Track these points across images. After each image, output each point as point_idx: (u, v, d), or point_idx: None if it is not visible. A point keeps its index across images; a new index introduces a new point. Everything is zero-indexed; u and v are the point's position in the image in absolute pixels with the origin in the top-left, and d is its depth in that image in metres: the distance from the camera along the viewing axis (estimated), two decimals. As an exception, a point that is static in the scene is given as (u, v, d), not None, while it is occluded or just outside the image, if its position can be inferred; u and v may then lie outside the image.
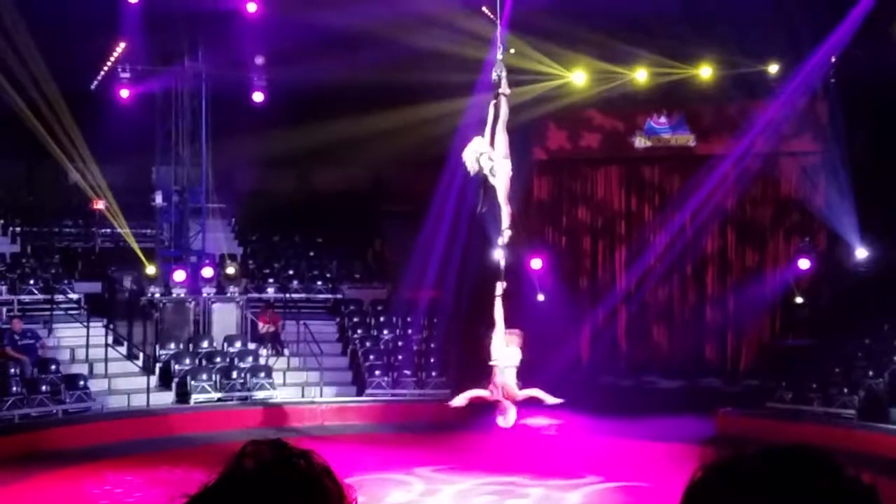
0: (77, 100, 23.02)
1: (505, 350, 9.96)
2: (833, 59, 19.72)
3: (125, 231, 21.23)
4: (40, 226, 22.81)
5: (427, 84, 19.55)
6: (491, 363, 10.00)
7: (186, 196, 21.33)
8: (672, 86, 21.11)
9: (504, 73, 10.35)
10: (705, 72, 20.75)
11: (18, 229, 22.49)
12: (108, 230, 22.64)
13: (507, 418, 9.81)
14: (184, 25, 21.01)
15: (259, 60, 21.22)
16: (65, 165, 23.65)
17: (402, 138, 20.06)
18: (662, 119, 21.82)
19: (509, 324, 11.01)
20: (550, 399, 10.05)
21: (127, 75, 20.75)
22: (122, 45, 20.44)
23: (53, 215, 23.23)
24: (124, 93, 20.84)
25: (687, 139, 21.91)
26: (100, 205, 22.41)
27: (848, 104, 19.55)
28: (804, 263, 20.39)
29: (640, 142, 22.01)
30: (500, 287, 9.99)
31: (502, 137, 10.16)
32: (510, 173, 10.30)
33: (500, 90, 10.28)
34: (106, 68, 20.54)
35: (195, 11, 20.86)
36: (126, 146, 22.64)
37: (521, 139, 20.85)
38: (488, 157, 10.05)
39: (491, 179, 10.11)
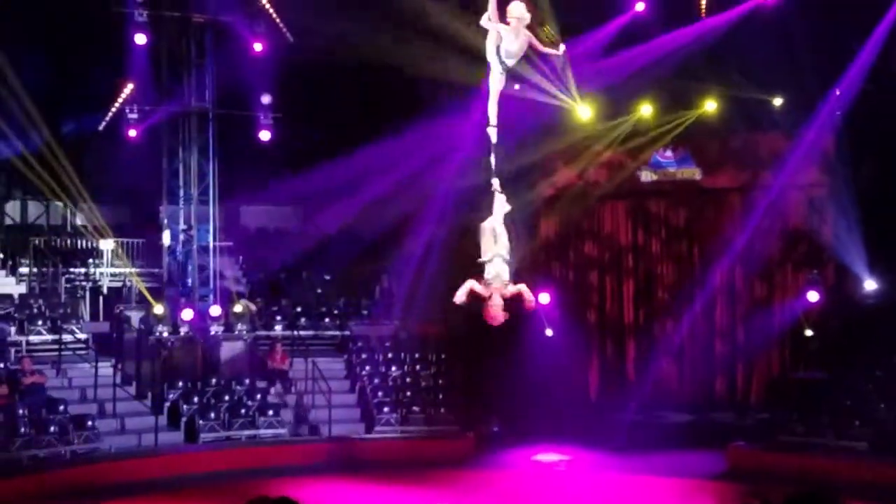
0: (84, 140, 23.25)
1: (494, 243, 9.73)
2: (838, 93, 19.78)
3: (130, 272, 21.27)
4: (48, 266, 22.84)
5: (433, 114, 19.63)
6: (480, 259, 9.73)
7: (194, 235, 21.38)
8: (678, 119, 21.19)
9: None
10: (710, 105, 20.82)
11: (26, 270, 22.53)
12: (116, 270, 22.68)
13: (497, 314, 9.58)
14: (191, 65, 21.20)
15: (266, 99, 21.35)
16: (71, 206, 23.84)
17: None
18: (668, 153, 21.87)
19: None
20: (531, 297, 9.74)
21: (135, 116, 20.91)
22: (130, 85, 20.58)
23: (61, 255, 23.28)
24: (132, 133, 20.96)
25: (693, 173, 21.93)
26: (107, 245, 22.51)
27: (855, 136, 19.59)
28: (813, 296, 20.31)
29: (647, 176, 22.05)
30: (496, 183, 9.74)
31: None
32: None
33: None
34: (114, 109, 20.65)
35: (203, 51, 21.08)
36: (134, 186, 22.81)
37: (528, 175, 21.01)
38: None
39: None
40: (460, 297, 9.48)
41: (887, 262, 19.70)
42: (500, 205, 9.69)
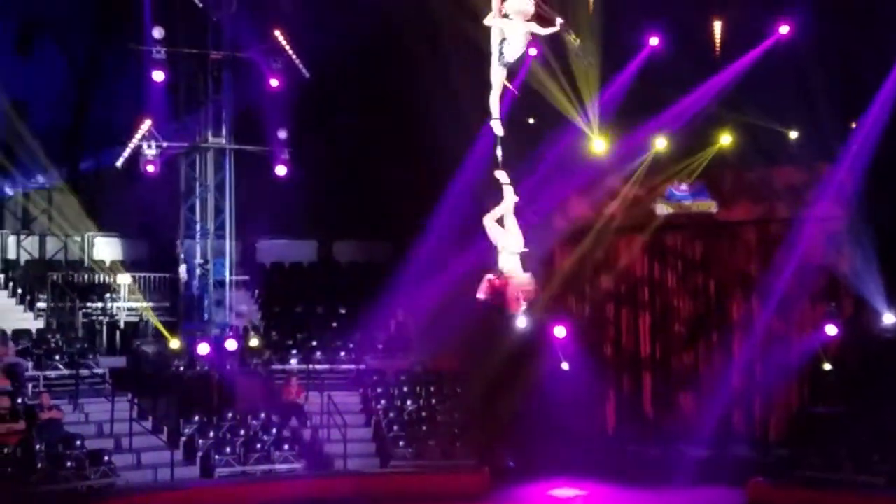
0: (102, 176, 23.45)
1: (507, 235, 9.65)
2: (854, 125, 19.81)
3: (144, 307, 21.35)
4: (65, 301, 22.93)
5: (449, 149, 19.72)
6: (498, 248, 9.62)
7: (210, 269, 21.47)
8: (693, 153, 21.24)
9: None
10: (726, 139, 20.87)
11: (44, 305, 22.63)
12: (133, 304, 22.77)
13: (512, 308, 9.50)
14: (208, 101, 21.39)
15: (282, 134, 21.49)
16: (89, 241, 24.01)
17: (423, 207, 20.22)
18: (683, 186, 21.86)
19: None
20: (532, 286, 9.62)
21: (152, 151, 21.02)
22: (148, 121, 20.75)
23: (78, 291, 23.38)
24: (149, 168, 21.10)
25: (709, 206, 21.90)
26: (125, 279, 22.64)
27: (872, 169, 19.57)
28: (831, 329, 20.21)
29: (662, 209, 22.02)
30: (503, 176, 9.68)
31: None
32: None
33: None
34: (131, 145, 20.82)
35: (220, 87, 21.28)
36: (151, 220, 22.97)
37: (544, 208, 21.02)
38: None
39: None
40: (481, 293, 9.45)
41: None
42: (508, 196, 9.68)
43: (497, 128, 9.30)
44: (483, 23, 9.24)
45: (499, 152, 9.52)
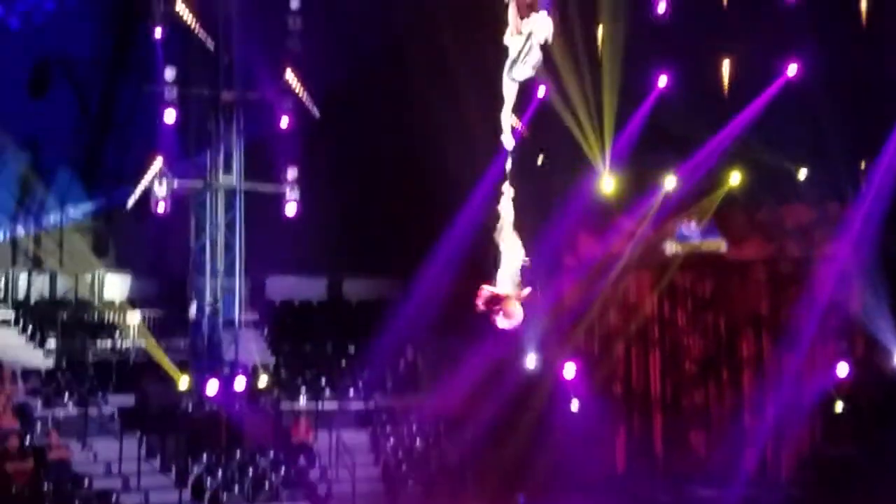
0: (114, 215, 23.55)
1: (508, 247, 9.54)
2: (863, 165, 19.85)
3: (151, 344, 21.35)
4: (75, 339, 22.95)
5: (459, 186, 19.80)
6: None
7: (220, 308, 21.49)
8: (704, 193, 21.27)
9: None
10: (735, 178, 20.91)
11: (53, 343, 22.64)
12: (142, 343, 22.77)
13: (509, 318, 9.36)
14: (219, 141, 21.53)
15: (292, 173, 21.59)
16: (100, 280, 24.07)
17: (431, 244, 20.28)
18: (693, 225, 21.85)
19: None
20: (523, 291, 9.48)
21: (163, 190, 21.10)
22: (159, 160, 20.86)
23: (88, 329, 23.41)
24: (160, 207, 21.18)
25: (718, 245, 21.88)
26: (134, 318, 22.66)
27: (884, 208, 19.57)
28: (843, 369, 20.11)
29: (672, 248, 22.01)
30: (510, 190, 9.59)
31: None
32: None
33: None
34: (143, 184, 20.93)
35: (231, 127, 21.43)
36: (161, 259, 23.04)
37: (552, 246, 21.04)
38: None
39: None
40: (480, 303, 9.38)
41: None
42: (508, 209, 9.64)
43: (506, 142, 9.30)
44: (503, 41, 9.18)
45: (508, 166, 9.52)
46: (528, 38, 8.77)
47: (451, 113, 18.95)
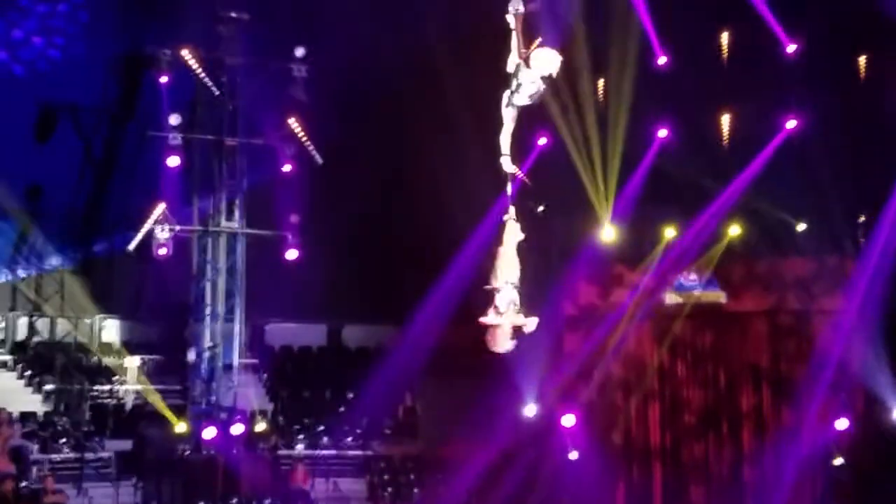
0: (115, 258, 23.62)
1: (506, 271, 9.45)
2: (862, 219, 19.95)
3: (146, 389, 21.32)
4: (74, 384, 22.93)
5: (459, 233, 19.88)
6: (490, 286, 9.40)
7: (219, 352, 21.48)
8: (703, 244, 21.34)
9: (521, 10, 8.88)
10: (734, 230, 21.01)
11: (51, 387, 22.62)
12: (140, 387, 22.74)
13: (501, 342, 9.26)
14: (222, 186, 21.65)
15: (294, 219, 21.67)
16: (99, 324, 24.11)
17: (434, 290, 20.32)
18: (692, 276, 21.90)
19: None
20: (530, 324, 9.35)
21: (165, 235, 21.16)
22: (162, 205, 20.96)
23: (86, 373, 23.39)
24: (161, 251, 21.23)
25: (718, 296, 21.91)
26: (133, 362, 22.67)
27: (878, 261, 19.61)
28: (842, 423, 20.04)
29: (671, 298, 22.04)
30: (511, 210, 9.55)
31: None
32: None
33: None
34: (145, 228, 21.02)
35: (234, 172, 21.57)
36: (161, 303, 23.07)
37: (552, 294, 21.07)
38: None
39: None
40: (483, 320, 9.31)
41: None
42: (514, 233, 9.66)
43: (507, 165, 9.35)
44: (505, 68, 9.22)
45: (509, 189, 9.56)
46: (519, 67, 8.85)
47: (452, 162, 19.10)
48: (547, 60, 8.94)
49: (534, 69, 8.90)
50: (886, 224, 19.47)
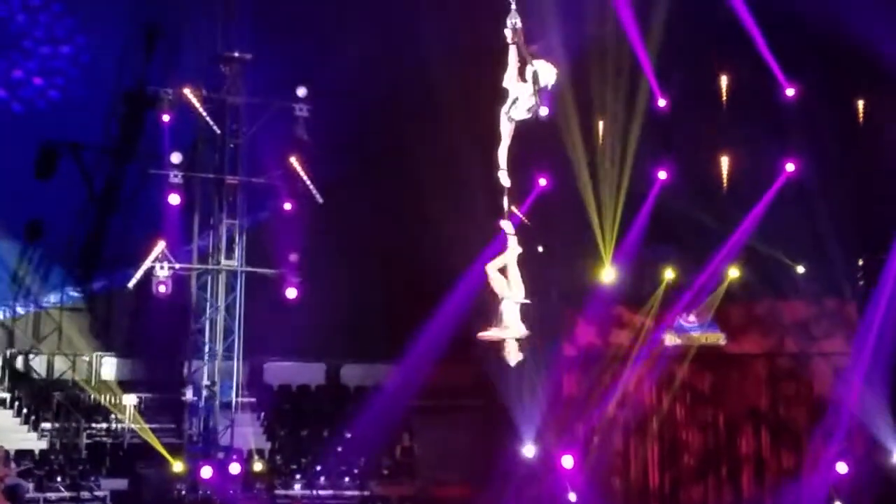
0: (114, 295, 23.61)
1: (509, 284, 9.37)
2: (861, 262, 20.00)
3: (144, 428, 21.22)
4: (71, 422, 22.83)
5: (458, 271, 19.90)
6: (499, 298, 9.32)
7: (217, 390, 21.41)
8: (703, 286, 21.39)
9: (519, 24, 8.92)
10: (734, 272, 21.05)
11: (48, 425, 22.52)
12: (138, 425, 22.64)
13: (512, 356, 9.19)
14: (222, 224, 21.68)
15: (293, 257, 21.68)
16: (97, 361, 24.04)
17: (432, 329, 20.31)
18: (692, 318, 21.91)
19: None
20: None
21: (165, 272, 21.16)
22: (161, 243, 20.98)
23: (83, 411, 23.31)
24: (161, 289, 21.22)
25: (717, 338, 21.92)
26: (130, 400, 22.57)
27: (878, 304, 19.63)
28: (842, 467, 19.95)
29: (670, 340, 22.04)
30: (509, 226, 9.50)
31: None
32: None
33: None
34: (144, 266, 21.03)
35: (234, 211, 21.61)
36: (160, 341, 23.00)
37: (550, 335, 21.05)
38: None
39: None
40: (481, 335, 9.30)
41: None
42: (512, 247, 9.65)
43: (503, 179, 9.35)
44: (503, 84, 9.22)
45: (505, 204, 9.56)
46: (535, 81, 8.85)
47: (452, 201, 19.17)
48: (544, 73, 9.00)
49: (530, 82, 8.96)
50: (893, 268, 19.51)
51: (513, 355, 9.09)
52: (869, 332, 19.91)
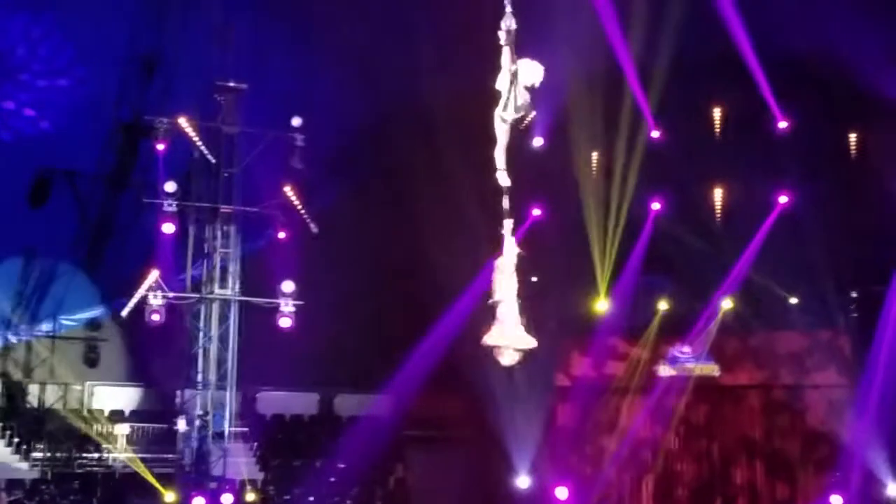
0: (108, 324, 23.55)
1: (505, 286, 9.29)
2: (854, 294, 20.06)
3: (132, 458, 21.09)
4: (62, 451, 22.68)
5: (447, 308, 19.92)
6: (492, 301, 9.26)
7: (210, 420, 21.30)
8: (696, 316, 21.41)
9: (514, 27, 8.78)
10: (727, 304, 21.08)
11: (40, 455, 22.37)
12: (130, 455, 22.50)
13: (507, 356, 9.09)
14: (216, 253, 21.66)
15: (287, 287, 21.65)
16: (89, 390, 23.93)
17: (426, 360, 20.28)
18: (686, 349, 21.91)
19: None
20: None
21: (158, 301, 21.11)
22: (156, 272, 20.94)
23: (75, 440, 23.17)
24: (155, 317, 21.16)
25: (711, 369, 21.91)
26: (122, 429, 22.44)
27: (871, 338, 19.66)
28: (836, 500, 19.89)
29: (665, 371, 22.02)
30: (508, 224, 9.44)
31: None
32: None
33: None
34: (138, 295, 20.99)
35: (228, 240, 21.59)
36: (153, 370, 22.93)
37: (545, 365, 21.03)
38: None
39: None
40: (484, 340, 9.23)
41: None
42: (511, 247, 9.63)
43: (502, 179, 9.40)
44: (495, 85, 9.27)
45: (505, 203, 9.58)
46: (512, 81, 8.96)
47: (446, 232, 19.19)
48: (530, 72, 9.10)
49: (519, 81, 9.06)
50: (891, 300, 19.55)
51: (507, 356, 9.03)
52: (864, 365, 19.93)
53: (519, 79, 8.97)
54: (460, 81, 16.93)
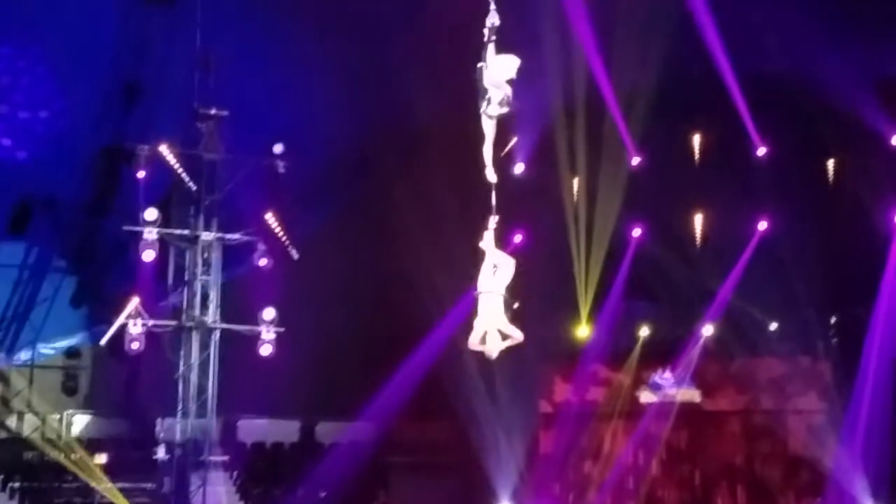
0: (86, 352, 23.42)
1: (490, 277, 9.20)
2: (833, 320, 20.16)
3: (113, 487, 20.89)
4: (41, 481, 22.47)
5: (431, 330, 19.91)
6: (476, 292, 9.18)
7: (190, 448, 21.15)
8: (677, 341, 21.48)
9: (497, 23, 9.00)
10: (708, 329, 21.16)
11: (18, 484, 22.15)
12: (109, 485, 22.28)
13: (491, 345, 9.00)
14: (196, 280, 21.58)
15: (268, 314, 21.55)
16: (68, 420, 23.74)
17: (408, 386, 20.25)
18: (667, 374, 21.96)
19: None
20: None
21: (138, 329, 20.96)
22: (135, 299, 20.83)
23: (54, 470, 22.96)
24: (134, 345, 21.02)
25: (692, 395, 21.96)
26: (101, 458, 22.24)
27: (851, 362, 19.75)
28: (817, 524, 19.94)
29: (646, 397, 22.05)
30: (492, 221, 9.40)
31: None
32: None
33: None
34: (117, 323, 20.86)
35: (209, 267, 21.53)
36: (132, 399, 22.78)
37: (528, 391, 21.03)
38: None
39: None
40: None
41: (890, 493, 19.41)
42: (491, 243, 9.61)
43: (490, 175, 9.42)
44: (479, 81, 9.33)
45: (493, 200, 9.59)
46: (495, 78, 9.05)
47: (429, 258, 19.20)
48: (506, 66, 9.21)
49: (496, 76, 9.15)
50: (877, 325, 19.65)
51: (492, 341, 8.96)
52: (845, 390, 20.00)
53: (496, 74, 9.09)
54: (444, 106, 16.99)
